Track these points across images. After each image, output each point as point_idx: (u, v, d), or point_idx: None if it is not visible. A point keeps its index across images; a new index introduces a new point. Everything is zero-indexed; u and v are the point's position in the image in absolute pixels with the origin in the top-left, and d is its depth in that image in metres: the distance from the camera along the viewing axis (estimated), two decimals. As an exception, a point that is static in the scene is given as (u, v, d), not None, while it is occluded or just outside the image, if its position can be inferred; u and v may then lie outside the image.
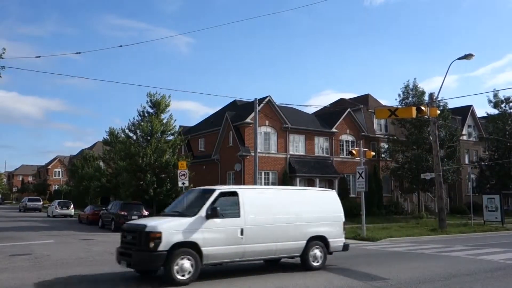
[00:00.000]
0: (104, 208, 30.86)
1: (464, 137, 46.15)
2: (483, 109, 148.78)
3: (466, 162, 45.21)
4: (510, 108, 41.88)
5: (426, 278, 10.70)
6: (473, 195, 35.93)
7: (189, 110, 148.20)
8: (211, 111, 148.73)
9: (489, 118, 43.89)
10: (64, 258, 14.40)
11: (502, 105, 41.94)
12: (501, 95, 42.12)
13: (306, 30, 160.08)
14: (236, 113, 35.93)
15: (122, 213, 26.34)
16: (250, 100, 30.98)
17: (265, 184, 33.14)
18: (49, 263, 13.15)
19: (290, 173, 33.61)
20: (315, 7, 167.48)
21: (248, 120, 32.64)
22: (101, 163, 52.05)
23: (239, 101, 38.19)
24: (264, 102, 33.18)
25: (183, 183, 26.80)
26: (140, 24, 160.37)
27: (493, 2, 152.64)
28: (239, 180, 32.70)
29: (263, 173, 32.92)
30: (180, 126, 40.31)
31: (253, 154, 29.41)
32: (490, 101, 42.50)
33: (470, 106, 48.35)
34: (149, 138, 32.65)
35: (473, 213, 32.75)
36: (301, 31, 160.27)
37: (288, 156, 34.41)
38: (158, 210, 34.18)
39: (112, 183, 41.88)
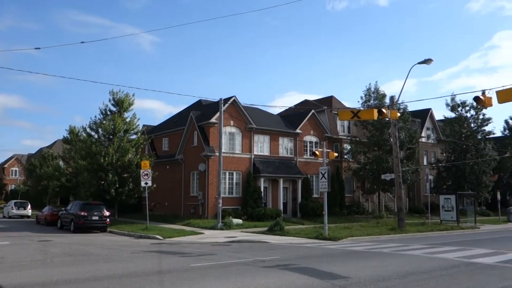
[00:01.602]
0: (63, 209, 30.05)
1: (423, 139, 47.55)
2: (441, 112, 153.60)
3: (425, 163, 46.63)
4: (466, 112, 43.49)
5: (384, 276, 10.98)
6: (430, 195, 37.11)
7: (153, 109, 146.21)
8: (176, 110, 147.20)
9: (446, 121, 45.44)
10: (20, 260, 13.94)
11: (459, 109, 43.50)
12: (458, 99, 43.73)
13: (271, 32, 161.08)
14: (201, 112, 35.73)
15: (82, 213, 25.74)
16: (215, 100, 30.95)
17: (229, 184, 33.18)
18: (3, 266, 12.70)
19: (255, 173, 33.72)
20: (279, 9, 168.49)
21: (213, 120, 32.53)
22: (61, 162, 50.66)
23: (204, 101, 37.99)
24: (229, 102, 33.16)
25: (146, 183, 26.48)
26: (104, 21, 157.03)
27: (450, 11, 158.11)
28: (203, 180, 32.56)
29: (227, 173, 32.89)
30: (144, 125, 39.81)
31: (217, 154, 29.35)
32: (447, 105, 44.08)
33: (429, 109, 49.88)
34: (111, 137, 32.08)
35: (431, 213, 33.81)
36: (267, 32, 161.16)
37: (253, 156, 34.51)
38: (119, 211, 33.64)
39: (72, 183, 40.93)
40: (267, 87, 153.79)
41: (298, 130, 37.27)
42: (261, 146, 35.54)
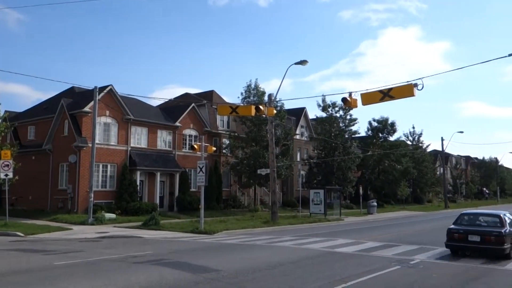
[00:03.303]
0: None
1: (297, 137, 50.10)
2: (314, 111, 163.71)
3: (298, 159, 49.21)
4: (335, 112, 46.78)
5: (255, 268, 11.33)
6: (302, 189, 39.38)
7: (18, 94, 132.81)
8: (45, 97, 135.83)
9: (318, 120, 48.46)
10: None
11: (329, 109, 46.63)
12: (329, 100, 46.80)
13: (151, 21, 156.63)
14: (74, 100, 33.41)
15: None
16: (90, 88, 29.18)
17: (102, 177, 31.59)
18: None
19: (130, 166, 32.54)
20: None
21: (86, 109, 30.64)
22: None
23: (77, 88, 35.58)
24: (105, 91, 31.51)
25: (6, 175, 24.03)
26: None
27: (324, 17, 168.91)
28: (74, 173, 30.53)
29: (100, 166, 31.25)
30: (6, 111, 35.83)
31: (90, 145, 27.77)
32: (319, 105, 46.98)
33: (303, 108, 52.64)
34: (-35, 122, 28.48)
35: (302, 206, 35.86)
36: (147, 21, 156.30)
37: (129, 148, 33.24)
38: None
39: None
40: (147, 79, 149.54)
41: (177, 123, 36.81)
42: (139, 138, 34.40)
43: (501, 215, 14.91)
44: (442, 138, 59.38)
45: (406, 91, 15.34)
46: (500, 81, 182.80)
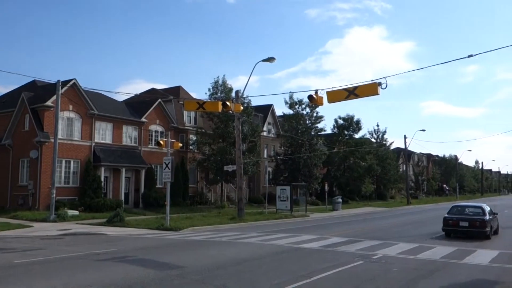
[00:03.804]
0: None
1: (264, 133, 50.28)
2: (281, 109, 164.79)
3: (265, 156, 49.41)
4: (302, 110, 47.17)
5: (220, 264, 11.35)
6: (269, 186, 39.54)
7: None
8: (5, 90, 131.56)
9: (285, 117, 48.78)
10: None
11: (296, 107, 46.97)
12: (295, 97, 47.10)
13: (117, 15, 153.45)
14: (35, 94, 32.44)
15: None
16: (53, 82, 28.42)
17: (65, 173, 30.85)
18: None
19: (95, 162, 31.90)
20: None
21: (49, 103, 29.82)
22: None
23: (39, 82, 34.52)
24: (68, 85, 30.72)
25: (-37, 171, 23.15)
26: None
27: (291, 15, 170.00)
28: (35, 169, 29.69)
29: (63, 161, 30.50)
30: (-38, 105, 34.66)
31: (52, 140, 27.08)
32: (286, 102, 47.27)
33: (270, 105, 52.82)
34: None
35: (268, 203, 36.04)
36: (112, 15, 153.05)
37: (93, 144, 32.57)
38: None
39: None
40: (112, 73, 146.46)
41: (143, 119, 36.30)
42: (103, 133, 33.74)
43: (483, 207, 19.33)
44: (405, 136, 60.97)
45: (370, 89, 15.66)
46: (461, 82, 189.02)
